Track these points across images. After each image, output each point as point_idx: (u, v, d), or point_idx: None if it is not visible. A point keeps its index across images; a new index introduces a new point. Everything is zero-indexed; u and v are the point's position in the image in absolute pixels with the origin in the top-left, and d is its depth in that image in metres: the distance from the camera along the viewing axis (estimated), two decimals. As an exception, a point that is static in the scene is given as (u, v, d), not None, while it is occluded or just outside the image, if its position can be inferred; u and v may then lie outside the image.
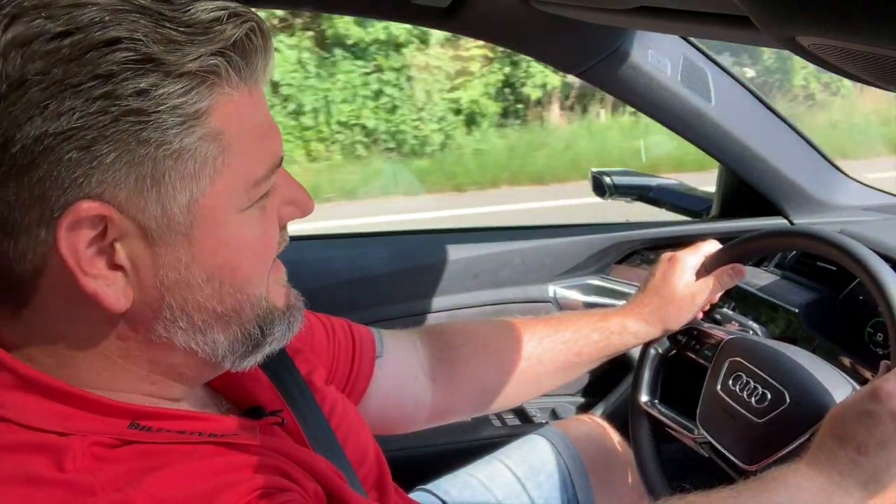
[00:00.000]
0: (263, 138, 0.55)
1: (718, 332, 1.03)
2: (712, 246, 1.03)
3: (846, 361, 1.02)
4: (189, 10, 0.50)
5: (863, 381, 0.91)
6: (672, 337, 1.06)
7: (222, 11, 0.50)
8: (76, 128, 0.47)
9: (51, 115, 0.47)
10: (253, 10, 0.53)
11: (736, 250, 1.01)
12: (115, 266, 0.52)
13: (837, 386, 0.89)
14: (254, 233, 0.56)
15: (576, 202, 4.77)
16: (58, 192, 0.48)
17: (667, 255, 1.04)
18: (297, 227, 0.66)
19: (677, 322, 1.02)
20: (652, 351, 1.06)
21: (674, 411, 1.03)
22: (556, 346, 0.99)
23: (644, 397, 1.06)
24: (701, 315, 1.08)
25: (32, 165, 0.47)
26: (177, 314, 0.54)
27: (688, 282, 1.01)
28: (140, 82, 0.48)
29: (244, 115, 0.53)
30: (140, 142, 0.49)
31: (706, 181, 1.62)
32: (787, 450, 0.85)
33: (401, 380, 0.92)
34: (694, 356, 1.04)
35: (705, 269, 1.02)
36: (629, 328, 1.01)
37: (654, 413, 1.04)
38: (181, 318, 0.54)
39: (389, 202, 5.47)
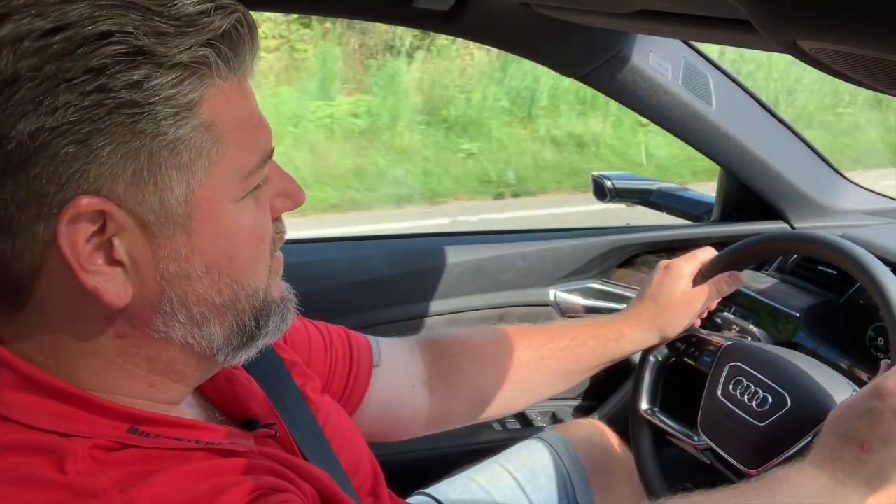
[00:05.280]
0: (255, 129, 0.56)
1: (717, 339, 1.03)
2: (708, 253, 1.04)
3: (847, 365, 1.02)
4: (175, 3, 0.50)
5: (863, 385, 0.90)
6: (671, 344, 1.06)
7: (208, 4, 0.51)
8: (71, 122, 0.47)
9: (45, 110, 0.47)
10: (238, 2, 0.53)
11: (733, 257, 1.01)
12: (114, 261, 0.52)
13: (838, 388, 0.89)
14: (249, 223, 0.56)
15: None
16: (55, 188, 0.48)
17: (663, 262, 1.04)
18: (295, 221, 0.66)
19: (674, 329, 1.02)
20: (651, 359, 1.06)
21: (674, 419, 1.03)
22: (553, 354, 0.99)
23: (644, 405, 1.06)
24: (699, 322, 1.08)
25: (29, 162, 0.48)
26: (176, 307, 0.54)
27: (684, 289, 1.01)
28: (132, 74, 0.48)
29: (234, 106, 0.54)
30: (135, 133, 0.49)
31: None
32: (789, 453, 0.85)
33: (398, 388, 0.92)
34: (693, 363, 1.04)
35: (702, 276, 1.02)
36: (626, 335, 1.01)
37: (655, 421, 1.04)
38: (180, 311, 0.55)
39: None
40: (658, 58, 1.20)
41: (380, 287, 1.32)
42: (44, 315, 0.53)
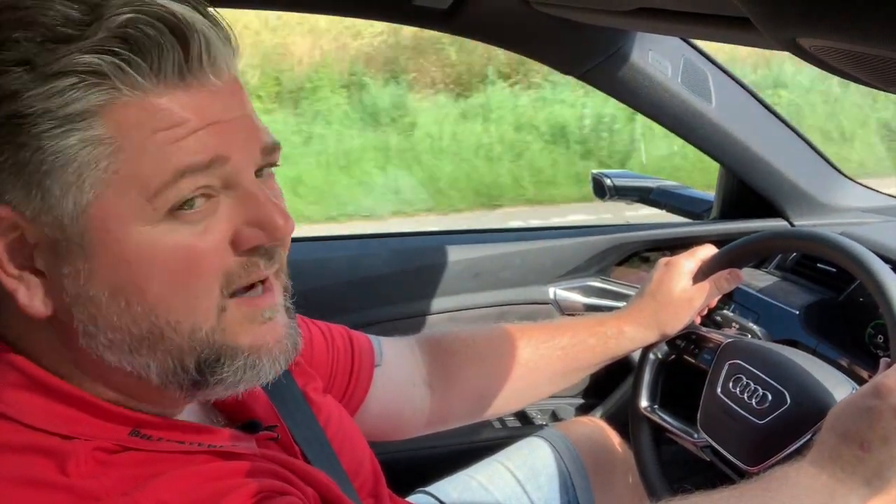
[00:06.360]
0: (174, 142, 0.49)
1: (717, 336, 1.03)
2: (708, 250, 1.04)
3: (846, 363, 1.02)
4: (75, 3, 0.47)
5: (863, 383, 0.90)
6: (671, 342, 1.06)
7: (128, 9, 0.47)
8: None
9: None
10: (166, 2, 0.48)
11: (733, 254, 1.01)
12: (36, 271, 0.51)
13: (838, 386, 0.89)
14: (170, 251, 0.50)
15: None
16: None
17: (663, 260, 1.04)
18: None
19: (674, 327, 1.02)
20: (651, 356, 1.06)
21: (674, 416, 1.03)
22: (553, 352, 1.00)
23: (644, 402, 1.06)
24: (698, 319, 1.08)
25: None
26: (91, 329, 0.51)
27: (684, 286, 1.01)
28: (12, 85, 0.46)
29: (148, 116, 0.48)
30: (18, 146, 0.48)
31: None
32: (788, 450, 0.85)
33: (399, 387, 0.92)
34: (693, 360, 1.04)
35: (702, 274, 1.02)
36: (626, 333, 1.01)
37: (655, 418, 1.04)
38: (98, 333, 0.51)
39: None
40: (658, 55, 1.20)
41: (379, 285, 1.32)
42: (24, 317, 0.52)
